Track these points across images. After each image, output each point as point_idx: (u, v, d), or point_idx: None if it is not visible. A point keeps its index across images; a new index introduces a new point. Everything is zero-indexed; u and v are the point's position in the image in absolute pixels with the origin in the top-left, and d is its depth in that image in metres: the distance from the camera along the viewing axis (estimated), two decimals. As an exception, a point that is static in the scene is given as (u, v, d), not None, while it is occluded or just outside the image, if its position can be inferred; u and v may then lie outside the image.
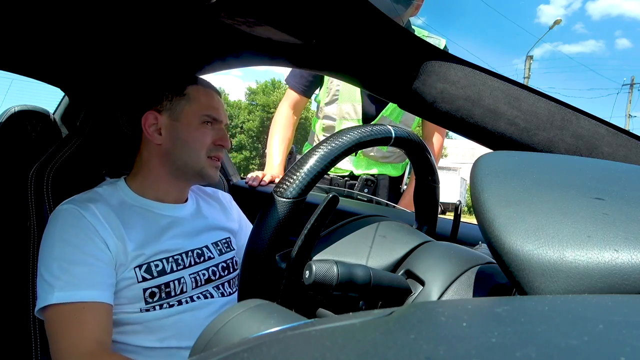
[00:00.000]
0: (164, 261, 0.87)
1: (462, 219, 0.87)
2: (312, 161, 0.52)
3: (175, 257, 0.89)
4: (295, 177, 0.52)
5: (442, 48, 1.24)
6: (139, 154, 0.96)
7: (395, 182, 1.69)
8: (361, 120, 1.60)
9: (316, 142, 1.57)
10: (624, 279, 0.25)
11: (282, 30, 0.77)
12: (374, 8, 0.70)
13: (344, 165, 1.65)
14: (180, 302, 0.86)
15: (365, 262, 0.54)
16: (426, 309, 0.22)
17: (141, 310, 0.83)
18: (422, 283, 0.49)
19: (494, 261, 0.42)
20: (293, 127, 1.72)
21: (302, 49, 0.83)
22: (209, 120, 0.93)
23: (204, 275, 0.92)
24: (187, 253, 0.91)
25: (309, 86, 1.69)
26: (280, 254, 0.54)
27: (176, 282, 0.87)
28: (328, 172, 0.82)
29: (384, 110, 1.59)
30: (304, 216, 0.49)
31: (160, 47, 1.00)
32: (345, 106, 1.61)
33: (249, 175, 1.53)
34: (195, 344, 0.29)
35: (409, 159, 0.69)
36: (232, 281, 0.98)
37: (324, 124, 1.68)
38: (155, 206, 0.93)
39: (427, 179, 0.68)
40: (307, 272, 0.45)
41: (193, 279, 0.89)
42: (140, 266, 0.83)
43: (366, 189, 1.62)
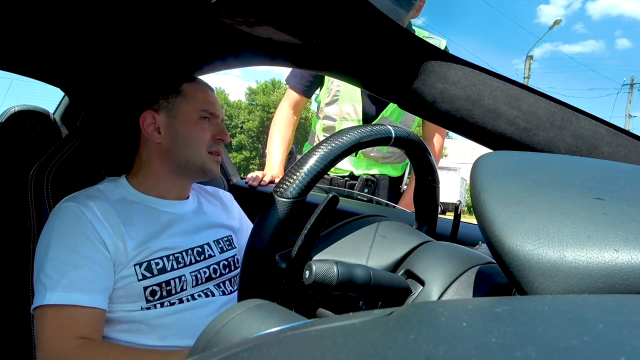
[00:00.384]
0: (165, 259, 0.87)
1: (462, 219, 0.87)
2: (312, 161, 0.52)
3: (176, 255, 0.89)
4: (295, 177, 0.52)
5: (442, 49, 1.24)
6: (138, 153, 0.96)
7: (395, 182, 1.69)
8: (361, 121, 1.60)
9: (316, 142, 1.56)
10: (624, 279, 0.25)
11: (282, 30, 0.77)
12: (374, 8, 0.70)
13: (344, 165, 1.65)
14: (181, 300, 0.86)
15: (365, 262, 0.54)
16: (426, 309, 0.22)
17: (142, 309, 0.83)
18: (422, 283, 0.49)
19: (494, 261, 0.42)
20: (293, 127, 1.72)
21: (302, 49, 0.83)
22: (206, 116, 0.94)
23: (204, 273, 0.92)
24: (187, 251, 0.91)
25: (309, 86, 1.69)
26: (280, 254, 0.54)
27: (177, 280, 0.87)
28: (328, 172, 0.82)
29: (385, 110, 1.59)
30: (304, 216, 0.49)
31: (159, 46, 1.00)
32: (345, 107, 1.61)
33: (249, 175, 1.53)
34: (195, 344, 0.29)
35: (409, 159, 0.69)
36: (233, 279, 0.98)
37: (324, 125, 1.68)
38: (157, 202, 0.93)
39: (427, 179, 0.68)
40: (307, 272, 0.45)
41: (194, 277, 0.89)
42: (140, 264, 0.83)
43: (366, 189, 1.62)
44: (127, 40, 0.97)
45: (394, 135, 0.60)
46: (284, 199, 0.52)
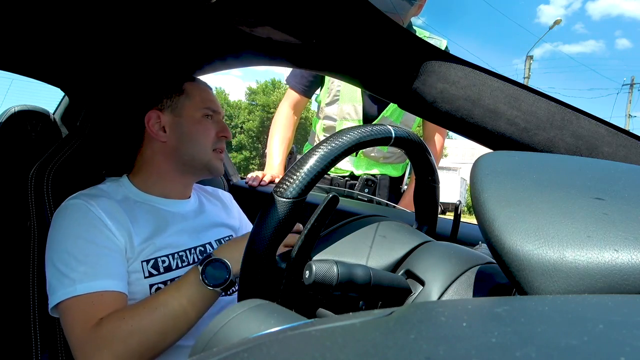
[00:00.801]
0: (170, 257, 0.87)
1: (462, 219, 0.87)
2: (312, 161, 0.52)
3: (180, 254, 0.89)
4: (295, 177, 0.52)
5: (442, 49, 1.24)
6: (140, 152, 0.96)
7: (396, 182, 1.69)
8: (362, 121, 1.60)
9: (316, 142, 1.57)
10: (624, 279, 0.25)
11: (282, 30, 0.77)
12: (374, 8, 0.70)
13: (344, 165, 1.65)
14: None
15: (365, 262, 0.54)
16: (426, 309, 0.22)
17: None
18: (422, 283, 0.49)
19: (494, 261, 0.42)
20: (293, 127, 1.72)
21: (302, 49, 0.83)
22: (209, 114, 0.96)
23: None
24: (190, 250, 0.91)
25: (309, 86, 1.69)
26: (280, 254, 0.54)
27: None
28: (328, 172, 0.82)
29: (385, 110, 1.59)
30: (304, 216, 0.49)
31: (160, 46, 1.00)
32: (346, 107, 1.61)
33: (249, 175, 1.53)
34: (195, 344, 0.29)
35: (409, 159, 0.69)
36: (234, 280, 0.98)
37: (324, 125, 1.68)
38: (159, 202, 0.93)
39: (427, 179, 0.68)
40: (307, 272, 0.45)
41: None
42: (147, 261, 0.84)
43: (366, 189, 1.62)
44: (127, 40, 0.97)
45: (394, 135, 0.60)
46: (284, 199, 0.52)
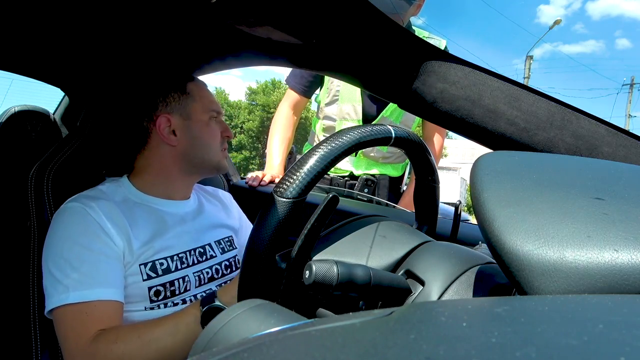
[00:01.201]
0: (169, 259, 0.87)
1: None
2: (312, 161, 0.52)
3: (180, 255, 0.89)
4: (295, 177, 0.52)
5: (442, 49, 1.24)
6: (142, 154, 0.94)
7: (395, 182, 1.69)
8: (361, 121, 1.60)
9: (316, 142, 1.57)
10: (624, 279, 0.25)
11: (282, 30, 0.77)
12: (374, 8, 0.70)
13: (344, 165, 1.65)
14: (184, 301, 0.87)
15: (365, 262, 0.54)
16: (426, 309, 0.22)
17: (146, 309, 0.83)
18: (422, 283, 0.49)
19: (494, 261, 0.42)
20: (293, 127, 1.72)
21: (302, 49, 0.83)
22: (215, 115, 0.97)
23: (207, 273, 0.92)
24: (190, 251, 0.91)
25: (309, 86, 1.69)
26: (280, 254, 0.54)
27: (181, 280, 0.87)
28: (328, 172, 0.82)
29: (384, 110, 1.59)
30: (304, 216, 0.49)
31: (159, 46, 1.00)
32: (345, 107, 1.61)
33: (249, 175, 1.53)
34: (195, 344, 0.29)
35: (409, 159, 0.69)
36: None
37: (324, 125, 1.68)
38: (159, 203, 0.93)
39: (427, 179, 0.68)
40: (307, 272, 0.45)
41: (197, 277, 0.90)
42: (145, 264, 0.84)
43: (366, 189, 1.62)
44: (127, 40, 0.97)
45: (394, 135, 0.60)
46: (284, 199, 0.52)
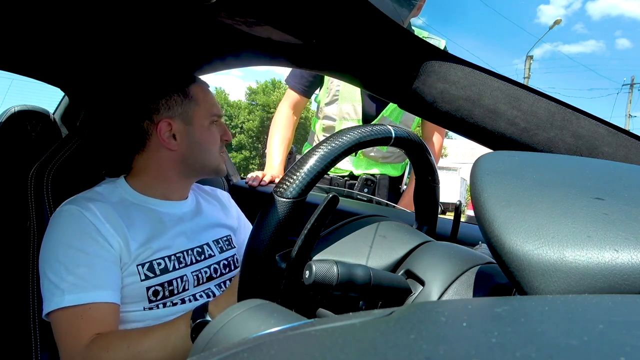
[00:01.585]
0: (167, 259, 0.87)
1: (462, 218, 0.87)
2: (312, 161, 0.52)
3: (178, 255, 0.89)
4: (295, 177, 0.52)
5: (442, 49, 1.24)
6: (140, 155, 0.94)
7: (395, 182, 1.69)
8: (361, 121, 1.60)
9: (316, 142, 1.57)
10: (624, 279, 0.25)
11: (282, 30, 0.77)
12: (374, 8, 0.70)
13: (343, 165, 1.65)
14: (183, 301, 0.87)
15: (365, 262, 0.54)
16: (426, 309, 0.22)
17: (144, 309, 0.83)
18: (422, 283, 0.49)
19: (494, 261, 0.42)
20: (293, 127, 1.72)
21: (302, 49, 0.83)
22: (215, 120, 0.96)
23: (205, 272, 0.92)
24: (187, 251, 0.91)
25: (309, 86, 1.69)
26: (280, 254, 0.54)
27: (179, 279, 0.87)
28: (328, 172, 0.82)
29: (384, 110, 1.59)
30: (304, 216, 0.49)
31: (159, 46, 1.00)
32: (345, 106, 1.61)
33: (249, 175, 1.53)
34: (195, 344, 0.29)
35: (409, 159, 0.69)
36: (233, 279, 0.98)
37: (324, 124, 1.68)
38: (157, 203, 0.93)
39: (427, 179, 0.68)
40: (307, 272, 0.45)
41: (195, 277, 0.90)
42: (142, 264, 0.84)
43: (366, 189, 1.62)
44: (127, 40, 0.97)
45: (394, 135, 0.60)
46: (284, 199, 0.52)
